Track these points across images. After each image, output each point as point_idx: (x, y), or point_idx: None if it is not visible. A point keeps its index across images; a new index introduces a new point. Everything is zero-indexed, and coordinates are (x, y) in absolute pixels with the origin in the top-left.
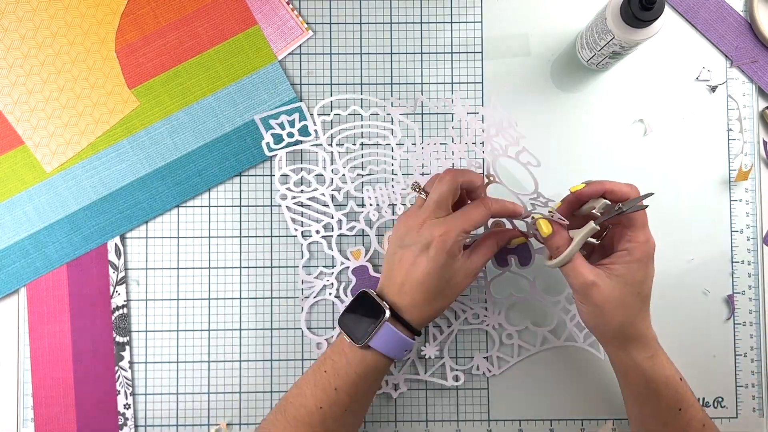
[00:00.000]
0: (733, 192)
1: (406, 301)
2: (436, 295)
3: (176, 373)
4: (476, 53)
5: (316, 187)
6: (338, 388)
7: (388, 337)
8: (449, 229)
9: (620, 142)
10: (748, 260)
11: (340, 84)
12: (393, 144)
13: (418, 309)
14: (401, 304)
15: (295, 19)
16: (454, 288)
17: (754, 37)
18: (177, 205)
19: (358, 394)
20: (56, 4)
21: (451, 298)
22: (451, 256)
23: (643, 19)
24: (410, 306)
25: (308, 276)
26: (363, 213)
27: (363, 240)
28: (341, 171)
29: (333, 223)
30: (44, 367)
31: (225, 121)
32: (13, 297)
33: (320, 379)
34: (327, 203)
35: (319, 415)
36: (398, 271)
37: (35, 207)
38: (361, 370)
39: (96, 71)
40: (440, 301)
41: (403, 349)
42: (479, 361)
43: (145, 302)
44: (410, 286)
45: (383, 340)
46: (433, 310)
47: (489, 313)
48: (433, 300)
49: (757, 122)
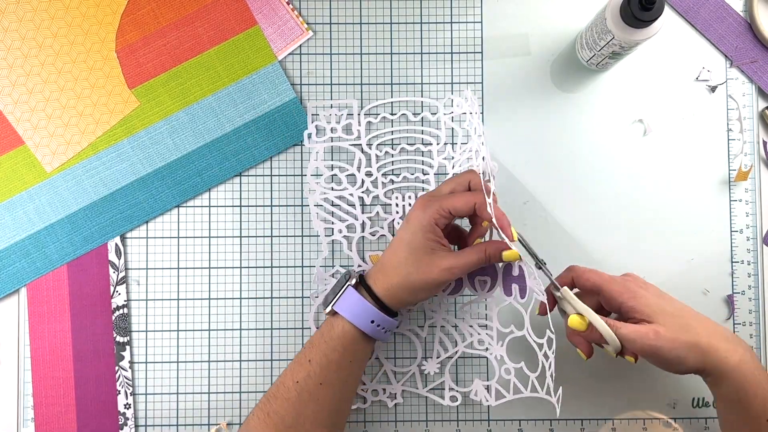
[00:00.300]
0: (733, 192)
1: (376, 270)
2: (401, 264)
3: (176, 373)
4: (476, 53)
5: (346, 187)
6: (312, 360)
7: (349, 301)
8: (428, 202)
9: (620, 142)
10: (747, 260)
11: (340, 84)
12: (434, 150)
13: (384, 276)
14: (372, 272)
15: (295, 20)
16: (420, 269)
17: (754, 37)
18: (177, 205)
19: (330, 365)
20: (57, 5)
21: (416, 277)
22: (422, 227)
23: (643, 19)
24: (377, 273)
25: (324, 273)
26: (388, 219)
27: (384, 246)
28: (375, 174)
29: (357, 225)
30: (44, 367)
31: (225, 121)
32: (13, 297)
33: (299, 356)
34: (354, 204)
35: (295, 389)
36: (388, 245)
37: (36, 207)
38: (330, 339)
39: (96, 71)
40: (404, 273)
41: (368, 317)
42: (478, 387)
43: (145, 302)
44: (385, 255)
45: (345, 303)
46: (398, 281)
47: (493, 342)
48: (398, 269)
49: (756, 122)
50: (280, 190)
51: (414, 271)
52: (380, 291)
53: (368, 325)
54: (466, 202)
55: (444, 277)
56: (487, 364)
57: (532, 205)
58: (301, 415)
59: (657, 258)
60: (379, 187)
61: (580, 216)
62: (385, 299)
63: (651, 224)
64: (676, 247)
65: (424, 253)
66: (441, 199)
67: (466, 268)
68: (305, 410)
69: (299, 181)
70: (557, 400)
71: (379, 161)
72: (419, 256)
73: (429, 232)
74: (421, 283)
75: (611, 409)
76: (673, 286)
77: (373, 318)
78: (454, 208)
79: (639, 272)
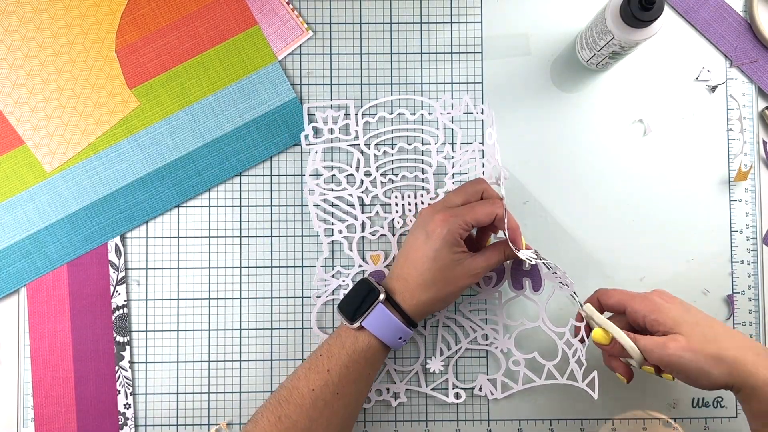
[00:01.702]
0: (733, 192)
1: (401, 285)
2: (429, 283)
3: (176, 373)
4: (476, 53)
5: (345, 187)
6: (330, 369)
7: (381, 319)
8: (450, 217)
9: (620, 142)
10: (747, 260)
11: (339, 84)
12: (433, 149)
13: (411, 294)
14: (397, 288)
15: (295, 19)
16: (450, 281)
17: (754, 37)
18: (177, 205)
19: (350, 376)
20: (57, 5)
21: (446, 291)
22: (447, 243)
23: (643, 19)
24: (404, 290)
25: (325, 274)
26: (388, 219)
27: (384, 246)
28: (373, 174)
29: (357, 225)
30: (44, 367)
31: (225, 121)
32: (13, 297)
33: (315, 363)
34: (353, 204)
35: (310, 397)
36: (403, 256)
37: (36, 207)
38: (354, 352)
39: (96, 71)
40: (434, 290)
41: (396, 335)
42: (483, 382)
43: (145, 302)
44: (407, 270)
45: (375, 321)
46: (427, 298)
47: (499, 336)
48: (427, 287)
49: (756, 122)
50: (280, 190)
51: (444, 286)
52: (409, 308)
53: (395, 341)
54: (487, 214)
55: (471, 282)
56: (487, 357)
57: (532, 205)
58: (314, 423)
59: (657, 258)
60: (378, 187)
61: (579, 216)
62: (413, 316)
63: (651, 224)
64: (676, 247)
65: (452, 267)
66: (462, 213)
67: (489, 269)
68: (319, 418)
69: (299, 181)
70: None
71: (378, 161)
72: (448, 272)
73: (454, 245)
74: (452, 294)
75: (611, 409)
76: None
77: (402, 335)
78: (476, 221)
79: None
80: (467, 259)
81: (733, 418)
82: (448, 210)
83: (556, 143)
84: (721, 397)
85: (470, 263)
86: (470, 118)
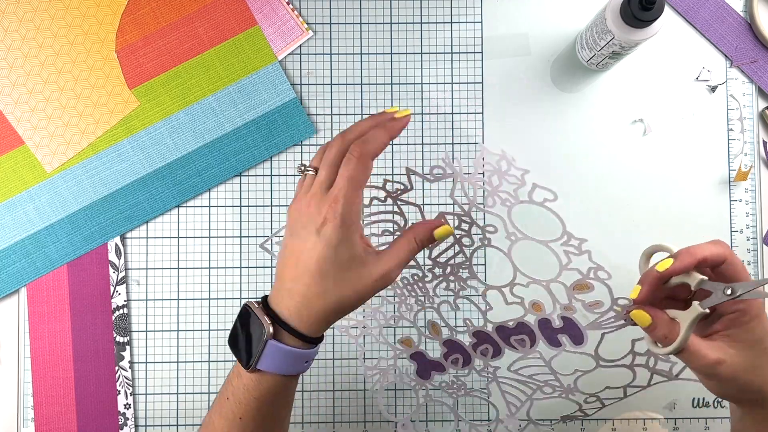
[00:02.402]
0: (733, 192)
1: (294, 303)
2: (329, 283)
3: (176, 373)
4: (476, 53)
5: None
6: (243, 417)
7: (277, 356)
8: (337, 195)
9: (620, 142)
10: (748, 260)
11: (340, 84)
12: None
13: (307, 309)
14: (290, 307)
15: (295, 19)
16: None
17: (754, 38)
18: (177, 205)
19: (265, 418)
20: (57, 5)
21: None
22: (346, 226)
23: (643, 19)
24: (299, 307)
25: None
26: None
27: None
28: None
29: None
30: (44, 367)
31: (225, 121)
32: (13, 297)
33: (224, 408)
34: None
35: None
36: (289, 265)
37: (36, 207)
38: (260, 395)
39: (96, 71)
40: (335, 292)
41: (300, 363)
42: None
43: (145, 302)
44: (301, 278)
45: (272, 361)
46: (327, 304)
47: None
48: (327, 290)
49: (757, 122)
50: (280, 190)
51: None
52: (308, 328)
53: (302, 367)
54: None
55: (384, 285)
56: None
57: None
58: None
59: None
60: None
61: (580, 216)
62: (313, 333)
63: (651, 224)
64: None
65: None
66: (345, 182)
67: (402, 265)
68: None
69: None
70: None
71: None
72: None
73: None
74: (359, 300)
75: (611, 409)
76: None
77: (307, 359)
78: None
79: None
80: (372, 256)
81: None
82: (330, 192)
83: (556, 143)
84: None
85: (379, 263)
86: (470, 118)
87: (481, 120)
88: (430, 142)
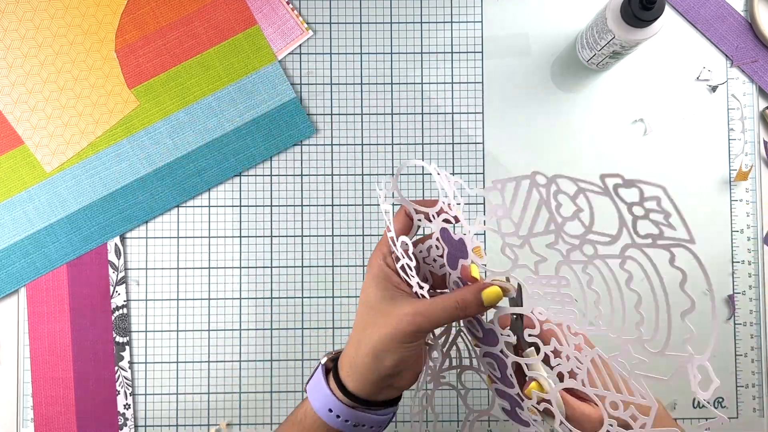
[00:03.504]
0: (734, 192)
1: (347, 347)
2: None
3: (176, 373)
4: (476, 53)
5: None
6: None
7: (315, 384)
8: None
9: (620, 142)
10: (748, 260)
11: (340, 84)
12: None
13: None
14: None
15: (295, 19)
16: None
17: (755, 37)
18: (177, 205)
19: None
20: (56, 4)
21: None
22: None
23: (644, 18)
24: (346, 352)
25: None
26: None
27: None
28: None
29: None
30: (44, 367)
31: (225, 121)
32: (13, 297)
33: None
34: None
35: None
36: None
37: (35, 207)
38: (295, 418)
39: (96, 71)
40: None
41: (325, 405)
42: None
43: (145, 302)
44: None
45: (312, 385)
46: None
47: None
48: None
49: (757, 122)
50: (280, 190)
51: (369, 330)
52: (343, 372)
53: (327, 415)
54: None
55: (405, 324)
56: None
57: None
58: None
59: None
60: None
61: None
62: (348, 382)
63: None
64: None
65: (377, 306)
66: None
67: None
68: None
69: (299, 181)
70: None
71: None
72: (374, 313)
73: (379, 279)
74: (381, 338)
75: None
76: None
77: (331, 407)
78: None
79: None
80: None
81: (733, 419)
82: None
83: (556, 143)
84: (722, 398)
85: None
86: (470, 118)
87: (481, 120)
88: (430, 142)
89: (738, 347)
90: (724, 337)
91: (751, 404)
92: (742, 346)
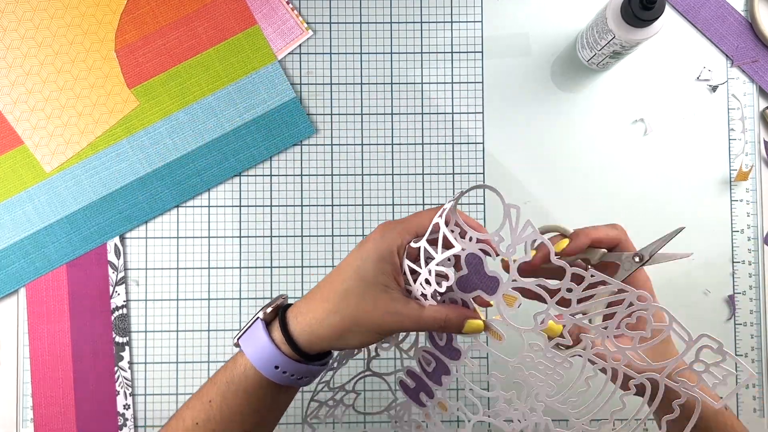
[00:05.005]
0: (734, 192)
1: (304, 300)
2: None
3: (176, 373)
4: (476, 53)
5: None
6: (212, 400)
7: (254, 338)
8: (389, 226)
9: (620, 142)
10: (748, 260)
11: (340, 84)
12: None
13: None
14: (299, 303)
15: (295, 19)
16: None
17: (755, 37)
18: (176, 205)
19: (233, 414)
20: (56, 4)
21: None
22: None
23: (644, 18)
24: (303, 304)
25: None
26: None
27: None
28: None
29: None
30: (44, 367)
31: (225, 121)
32: (12, 297)
33: (201, 390)
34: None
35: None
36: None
37: (35, 207)
38: (231, 379)
39: (96, 71)
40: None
41: (270, 361)
42: None
43: (144, 302)
44: (323, 282)
45: (250, 340)
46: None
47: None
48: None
49: (757, 122)
50: (279, 190)
51: (352, 305)
52: (298, 328)
53: (272, 371)
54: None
55: (387, 322)
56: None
57: (532, 205)
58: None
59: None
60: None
61: (580, 216)
62: (301, 339)
63: (651, 224)
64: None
65: (371, 286)
66: (404, 221)
67: (420, 324)
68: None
69: (299, 181)
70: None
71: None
72: (364, 290)
73: (385, 261)
74: (357, 322)
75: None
76: (673, 286)
77: (278, 363)
78: (420, 225)
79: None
80: (395, 291)
81: None
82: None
83: (556, 143)
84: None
85: (395, 298)
86: (470, 118)
87: (481, 120)
88: (430, 142)
89: (738, 347)
90: (724, 337)
91: (751, 404)
92: (742, 346)
